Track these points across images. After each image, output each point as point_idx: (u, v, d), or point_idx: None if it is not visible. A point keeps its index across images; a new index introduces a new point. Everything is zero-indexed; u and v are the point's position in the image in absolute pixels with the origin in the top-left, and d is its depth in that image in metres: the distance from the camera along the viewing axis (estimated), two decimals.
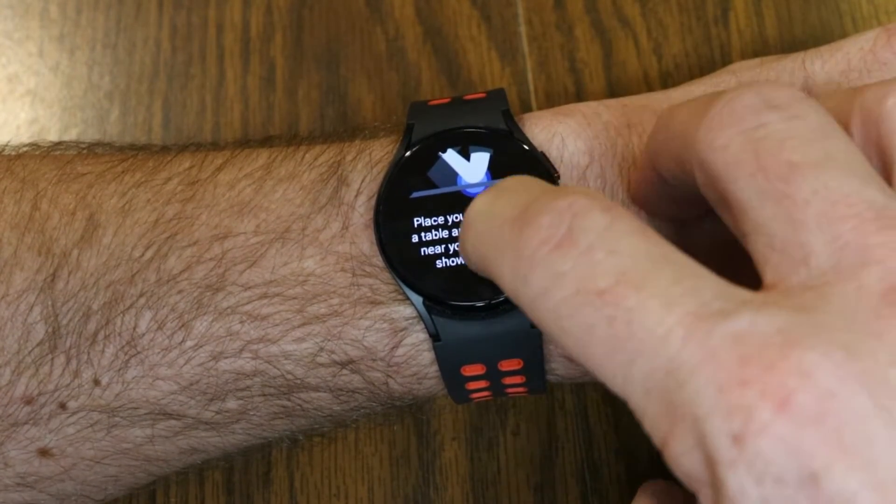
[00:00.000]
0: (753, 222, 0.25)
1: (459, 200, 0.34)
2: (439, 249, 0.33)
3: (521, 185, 0.27)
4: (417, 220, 0.34)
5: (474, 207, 0.28)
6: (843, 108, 0.28)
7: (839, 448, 0.21)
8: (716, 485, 0.22)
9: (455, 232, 0.34)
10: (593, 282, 0.24)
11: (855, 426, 0.21)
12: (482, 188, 0.34)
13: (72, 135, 0.47)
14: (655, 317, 0.23)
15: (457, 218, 0.34)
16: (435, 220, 0.34)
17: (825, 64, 0.36)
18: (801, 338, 0.22)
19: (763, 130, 0.25)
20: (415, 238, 0.34)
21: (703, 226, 0.34)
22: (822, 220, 0.24)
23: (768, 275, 0.25)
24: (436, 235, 0.34)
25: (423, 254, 0.33)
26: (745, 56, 0.46)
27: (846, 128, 0.27)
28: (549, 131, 0.35)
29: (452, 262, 0.33)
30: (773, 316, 0.22)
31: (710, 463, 0.21)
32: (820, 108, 0.26)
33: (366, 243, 0.34)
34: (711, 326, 0.22)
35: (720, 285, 0.23)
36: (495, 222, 0.27)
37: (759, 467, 0.21)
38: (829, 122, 0.26)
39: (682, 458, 0.22)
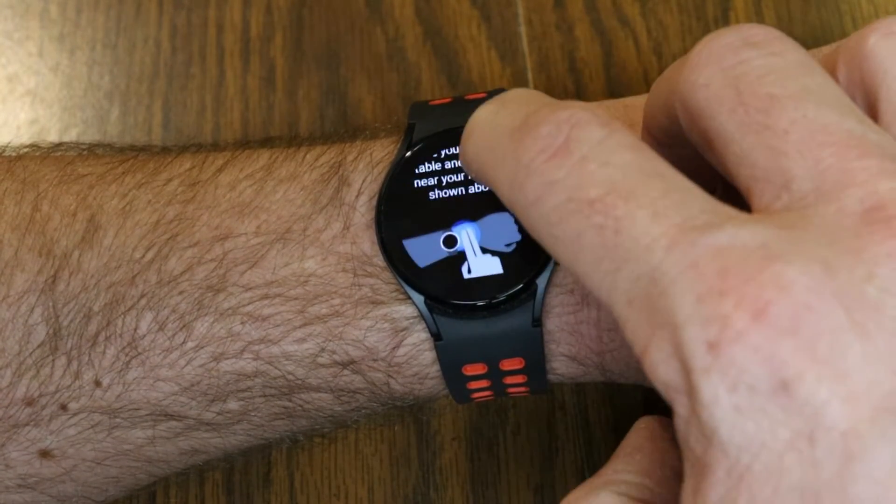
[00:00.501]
0: (736, 155, 0.25)
1: None
2: None
3: (524, 97, 0.28)
4: None
5: (476, 116, 0.29)
6: (829, 61, 0.28)
7: (812, 358, 0.21)
8: (690, 392, 0.22)
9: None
10: (584, 191, 0.24)
11: (829, 338, 0.21)
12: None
13: (72, 135, 0.47)
14: (642, 226, 0.23)
15: None
16: None
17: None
18: (781, 252, 0.22)
19: (742, 67, 0.26)
20: None
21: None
22: (802, 147, 0.24)
23: (754, 203, 0.25)
24: None
25: None
26: None
27: (833, 76, 0.28)
28: None
29: None
30: (755, 231, 0.23)
31: (686, 370, 0.22)
32: (798, 45, 0.26)
33: (367, 243, 0.34)
34: (695, 238, 0.22)
35: (708, 201, 0.24)
36: (496, 131, 0.27)
37: (732, 375, 0.21)
38: (807, 58, 0.26)
39: (660, 366, 0.22)
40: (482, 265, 0.33)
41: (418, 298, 0.33)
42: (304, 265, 0.34)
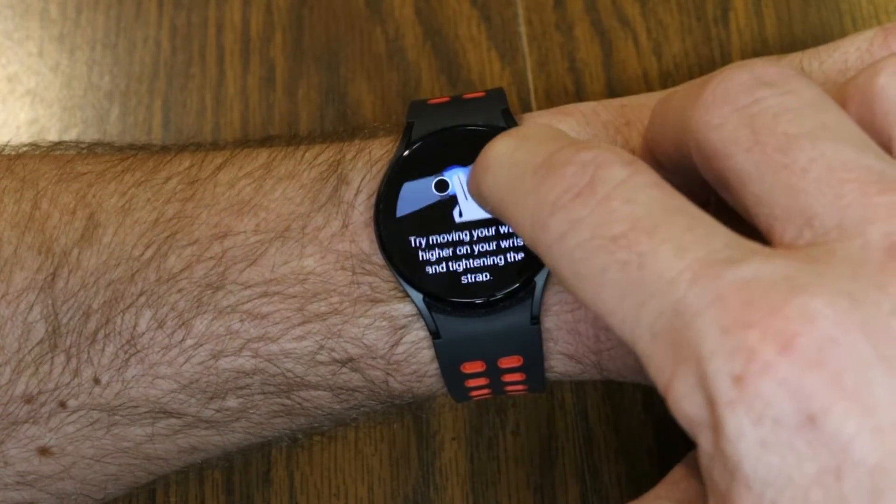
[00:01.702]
0: (754, 195, 0.25)
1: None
2: None
3: (544, 134, 0.28)
4: None
5: (493, 150, 0.29)
6: (838, 96, 0.28)
7: (839, 392, 0.21)
8: (715, 426, 0.22)
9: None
10: (608, 227, 0.24)
11: (855, 372, 0.21)
12: None
13: (72, 135, 0.47)
14: (666, 261, 0.23)
15: None
16: None
17: (823, 64, 0.36)
18: (806, 285, 0.22)
19: (757, 106, 0.26)
20: None
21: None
22: (823, 185, 0.24)
23: (775, 242, 0.25)
24: None
25: None
26: (744, 56, 0.46)
27: None
28: None
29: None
30: (780, 264, 0.23)
31: (711, 404, 0.22)
32: (812, 83, 0.26)
33: (366, 241, 0.34)
34: (719, 271, 0.22)
35: (731, 236, 0.24)
36: (516, 169, 0.27)
37: (758, 408, 0.21)
38: (822, 95, 0.26)
39: (684, 401, 0.22)
40: (473, 208, 0.34)
41: (417, 296, 0.33)
42: (303, 263, 0.34)
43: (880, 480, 0.21)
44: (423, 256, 0.33)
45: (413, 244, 0.33)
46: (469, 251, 0.34)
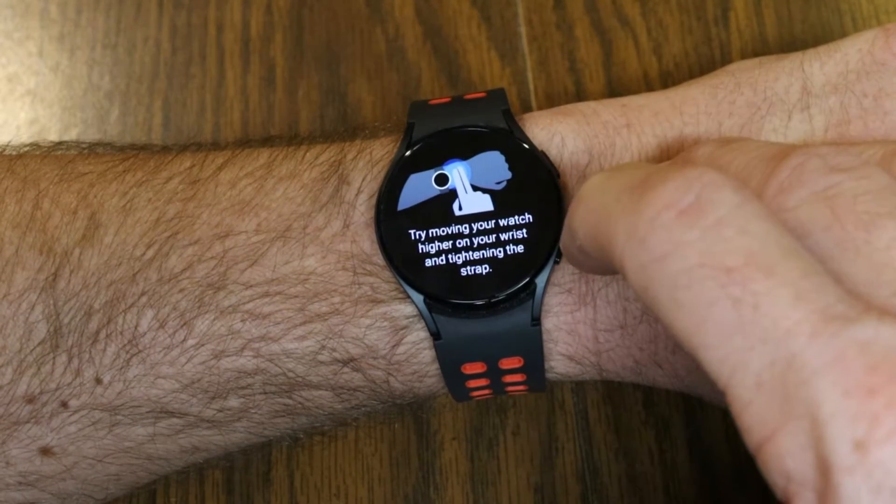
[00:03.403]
0: (833, 273, 0.24)
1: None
2: None
3: (640, 163, 0.27)
4: None
5: (588, 183, 0.27)
6: None
7: None
8: (826, 490, 0.21)
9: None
10: (721, 257, 0.23)
11: None
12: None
13: (72, 135, 0.47)
14: (784, 307, 0.22)
15: None
16: None
17: (823, 66, 0.36)
18: None
19: (835, 189, 0.25)
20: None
21: None
22: None
23: None
24: None
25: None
26: (744, 56, 0.46)
27: None
28: (549, 130, 0.35)
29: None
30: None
31: (824, 467, 0.21)
32: (882, 170, 0.26)
33: (366, 242, 0.34)
34: (838, 329, 0.22)
35: (840, 289, 0.23)
36: (612, 192, 0.26)
37: (878, 477, 0.21)
38: (893, 181, 0.26)
39: (789, 458, 0.22)
40: (473, 202, 0.34)
41: (418, 298, 0.33)
42: (305, 263, 0.34)
43: None
44: (422, 249, 0.33)
45: (413, 237, 0.33)
46: (469, 244, 0.34)
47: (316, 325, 0.33)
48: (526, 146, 0.34)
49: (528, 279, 0.33)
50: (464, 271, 0.33)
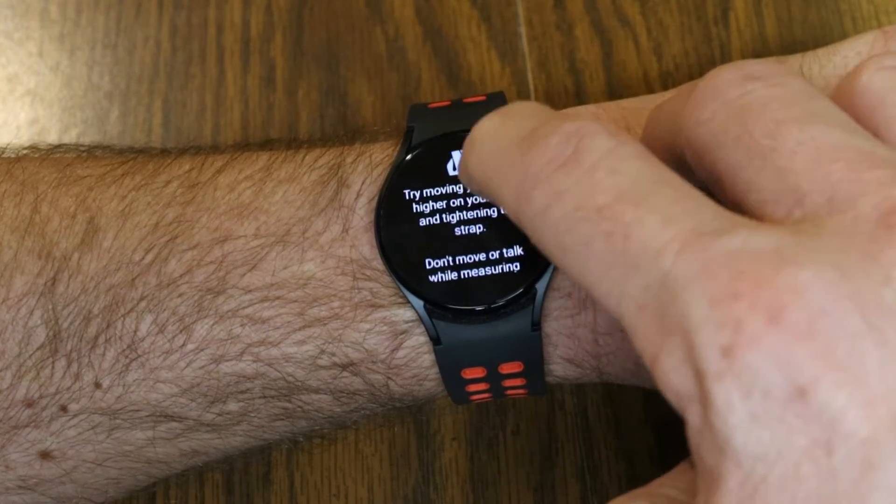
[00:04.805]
0: (745, 182, 0.25)
1: None
2: None
3: (528, 110, 0.28)
4: None
5: (479, 128, 0.28)
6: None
7: (829, 364, 0.21)
8: (703, 399, 0.21)
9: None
10: (592, 198, 0.24)
11: (845, 344, 0.21)
12: None
13: (72, 135, 0.47)
14: (652, 231, 0.23)
15: None
16: None
17: (823, 68, 0.36)
18: (795, 256, 0.22)
19: (746, 98, 0.25)
20: None
21: None
22: (812, 165, 0.24)
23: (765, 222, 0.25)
24: None
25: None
26: (744, 56, 0.46)
27: None
28: None
29: None
30: (769, 236, 0.22)
31: (699, 376, 0.21)
32: (800, 75, 0.26)
33: (366, 246, 0.34)
34: (707, 242, 0.22)
35: (719, 209, 0.23)
36: (501, 143, 0.27)
37: (747, 380, 0.21)
38: (809, 86, 0.26)
39: (672, 374, 0.22)
40: None
41: (418, 303, 0.33)
42: (304, 268, 0.34)
43: (871, 453, 0.20)
44: (416, 208, 0.34)
45: (407, 196, 0.34)
46: (462, 203, 0.34)
47: (315, 330, 0.33)
48: None
49: (528, 284, 0.33)
50: (458, 231, 0.33)
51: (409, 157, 0.34)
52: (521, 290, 0.33)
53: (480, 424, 0.42)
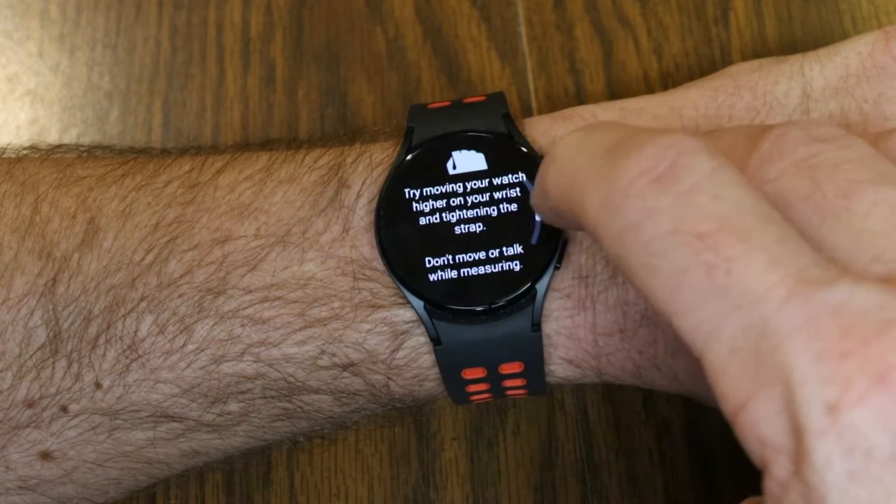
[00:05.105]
0: (813, 241, 0.24)
1: None
2: None
3: (614, 124, 0.27)
4: None
5: (561, 143, 0.27)
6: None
7: None
8: (799, 454, 0.21)
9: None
10: (694, 224, 0.23)
11: None
12: None
13: (72, 135, 0.47)
14: (758, 272, 0.22)
15: None
16: None
17: (823, 69, 0.36)
18: None
19: (816, 159, 0.25)
20: None
21: None
22: (888, 227, 0.23)
23: None
24: None
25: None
26: (745, 56, 0.46)
27: None
28: (550, 135, 0.35)
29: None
30: (871, 291, 0.22)
31: (797, 431, 0.21)
32: (864, 140, 0.26)
33: (366, 247, 0.34)
34: (812, 292, 0.21)
35: (815, 254, 0.23)
36: (585, 155, 0.26)
37: (850, 439, 0.21)
38: (874, 150, 0.25)
39: (763, 423, 0.22)
40: (466, 161, 0.34)
41: (418, 304, 0.33)
42: (304, 268, 0.34)
43: None
44: (416, 208, 0.34)
45: (407, 195, 0.34)
46: (462, 202, 0.34)
47: (316, 330, 0.34)
48: (526, 150, 0.34)
49: (528, 285, 0.33)
50: (458, 229, 0.33)
51: (409, 157, 0.34)
52: (521, 291, 0.33)
53: (480, 424, 0.42)
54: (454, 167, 0.34)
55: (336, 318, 0.33)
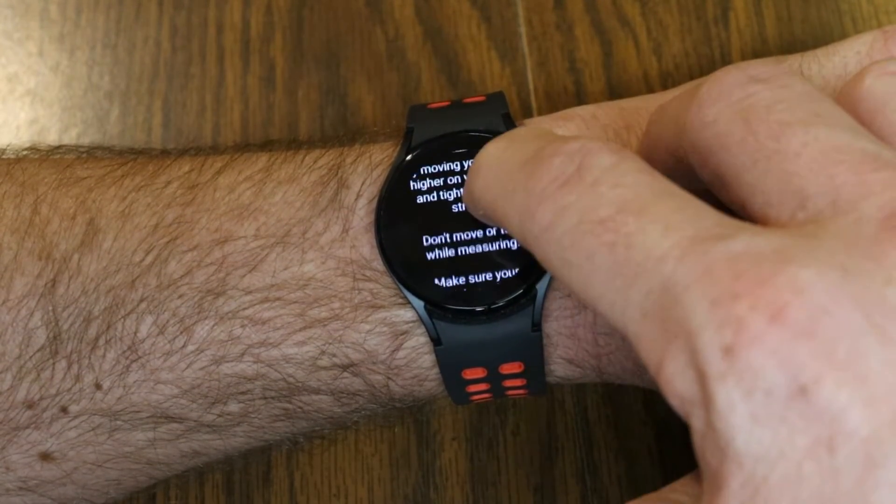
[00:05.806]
0: (749, 185, 0.25)
1: None
2: None
3: (533, 133, 0.28)
4: None
5: (484, 153, 0.28)
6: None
7: (830, 362, 0.21)
8: (706, 402, 0.21)
9: None
10: (595, 212, 0.24)
11: (847, 342, 0.21)
12: None
13: (72, 135, 0.47)
14: (654, 240, 0.23)
15: None
16: None
17: (822, 68, 0.36)
18: (797, 257, 0.22)
19: (750, 100, 0.25)
20: None
21: None
22: (816, 167, 0.24)
23: (769, 226, 0.24)
24: None
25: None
26: (745, 56, 0.46)
27: None
28: None
29: None
30: (770, 238, 0.22)
31: (702, 379, 0.21)
32: (804, 78, 0.26)
33: (366, 247, 0.34)
34: (708, 247, 0.22)
35: (721, 216, 0.23)
36: (506, 166, 0.27)
37: (748, 380, 0.21)
38: (814, 89, 0.26)
39: (675, 379, 0.22)
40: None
41: (418, 304, 0.33)
42: (304, 269, 0.34)
43: (874, 451, 0.20)
44: (414, 186, 0.34)
45: (410, 188, 0.34)
46: (460, 181, 0.34)
47: (315, 331, 0.33)
48: None
49: (528, 285, 0.33)
50: (455, 207, 0.33)
51: (409, 157, 0.34)
52: (521, 291, 0.33)
53: (480, 424, 0.42)
54: None
55: (336, 319, 0.33)
